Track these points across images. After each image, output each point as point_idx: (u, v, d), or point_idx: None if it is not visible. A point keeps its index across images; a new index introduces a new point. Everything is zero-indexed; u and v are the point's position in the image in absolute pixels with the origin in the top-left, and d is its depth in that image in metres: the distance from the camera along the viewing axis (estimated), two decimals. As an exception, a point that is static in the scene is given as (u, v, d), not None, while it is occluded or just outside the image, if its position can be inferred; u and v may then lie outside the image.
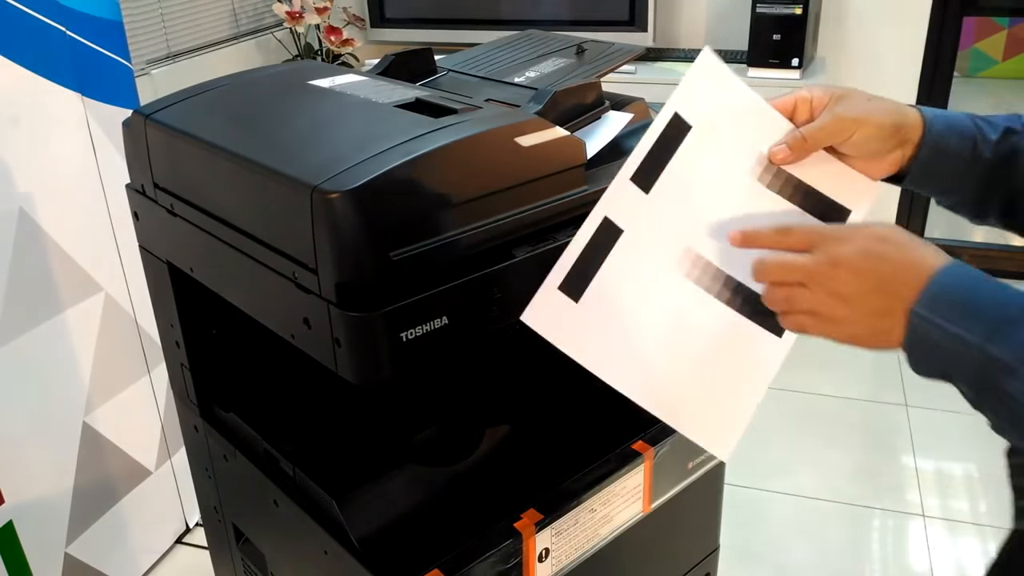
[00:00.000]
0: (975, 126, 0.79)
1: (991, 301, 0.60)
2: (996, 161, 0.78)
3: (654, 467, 1.04)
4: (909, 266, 0.63)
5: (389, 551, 0.88)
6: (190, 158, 0.92)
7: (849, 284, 0.64)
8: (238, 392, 1.11)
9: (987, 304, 0.60)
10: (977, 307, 0.60)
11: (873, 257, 0.63)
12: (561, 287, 0.71)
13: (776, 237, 0.68)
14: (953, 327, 0.60)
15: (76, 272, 1.61)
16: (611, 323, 0.73)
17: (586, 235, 0.72)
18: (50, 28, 1.51)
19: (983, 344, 0.58)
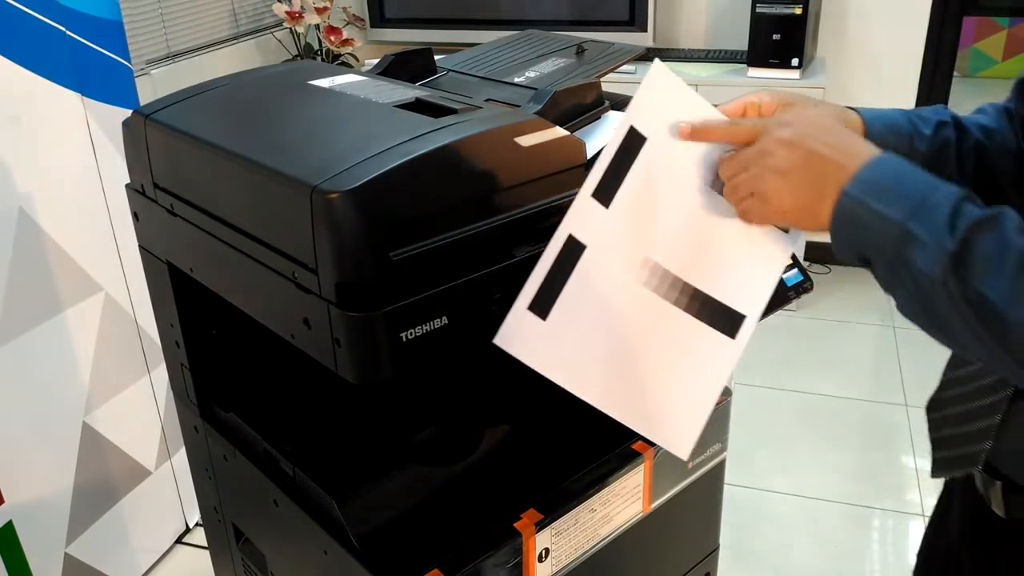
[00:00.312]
0: (910, 123, 0.83)
1: (919, 185, 0.64)
2: (930, 154, 0.82)
3: (654, 467, 1.04)
4: (844, 150, 0.67)
5: (389, 551, 0.88)
6: (190, 158, 0.92)
7: (784, 159, 0.69)
8: (238, 392, 1.11)
9: (915, 188, 0.64)
10: (905, 190, 0.64)
11: (810, 137, 0.68)
12: (530, 307, 0.73)
13: (725, 130, 0.74)
14: (880, 206, 0.64)
15: (76, 272, 1.61)
16: (576, 337, 0.74)
17: (552, 254, 0.73)
18: (50, 28, 1.51)
19: (905, 221, 0.62)
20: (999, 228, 0.60)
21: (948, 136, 0.83)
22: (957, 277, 0.60)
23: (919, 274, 0.62)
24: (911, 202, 0.63)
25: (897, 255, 0.63)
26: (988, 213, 0.61)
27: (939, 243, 0.61)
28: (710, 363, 0.76)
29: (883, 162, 0.66)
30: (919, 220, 0.62)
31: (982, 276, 0.59)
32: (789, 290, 1.02)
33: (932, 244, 0.61)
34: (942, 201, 0.62)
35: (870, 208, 0.64)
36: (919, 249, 0.62)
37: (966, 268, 0.60)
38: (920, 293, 0.63)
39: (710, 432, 1.12)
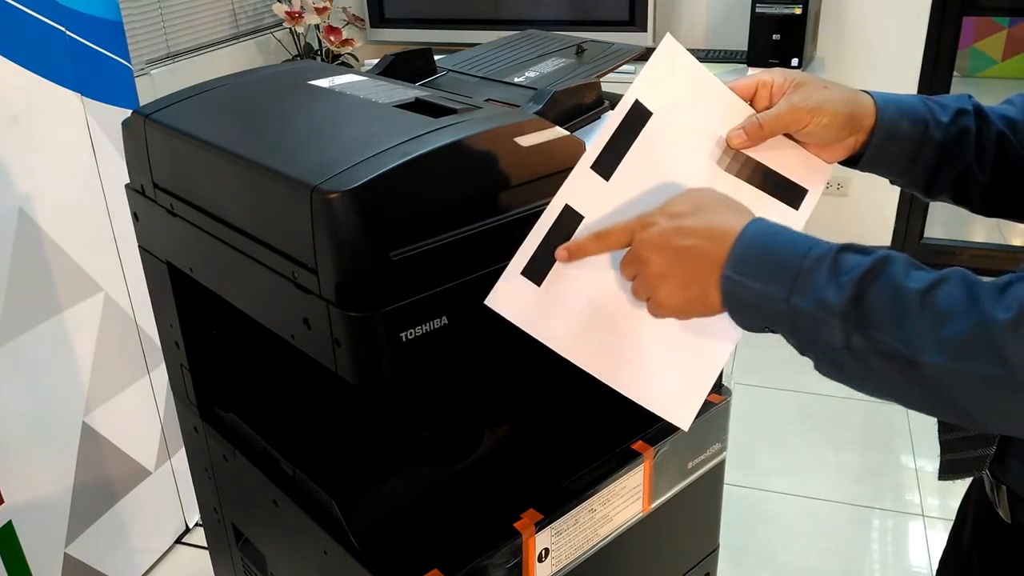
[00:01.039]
0: (927, 109, 0.81)
1: (789, 253, 0.62)
2: (947, 142, 0.80)
3: (654, 467, 1.04)
4: (708, 233, 0.66)
5: (389, 551, 0.88)
6: (190, 158, 0.92)
7: (656, 264, 0.68)
8: (238, 392, 1.11)
9: (786, 256, 0.62)
10: (777, 261, 0.63)
11: (671, 233, 0.67)
12: (524, 272, 0.74)
13: (596, 243, 0.72)
14: (758, 284, 0.63)
15: (75, 272, 1.61)
16: (571, 304, 0.75)
17: (547, 222, 0.74)
18: (50, 28, 1.51)
19: (787, 297, 0.61)
20: (885, 273, 0.58)
21: (967, 125, 0.81)
22: (859, 335, 0.58)
23: (821, 343, 0.61)
24: (787, 273, 0.61)
25: (793, 327, 0.62)
26: (870, 260, 0.59)
27: (828, 310, 0.59)
28: (713, 337, 0.76)
29: (751, 235, 0.65)
30: (800, 293, 0.61)
31: (883, 328, 0.57)
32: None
33: (821, 314, 0.59)
34: (816, 264, 0.61)
35: (751, 289, 0.63)
36: (811, 321, 0.60)
37: (864, 325, 0.58)
38: (829, 359, 0.62)
39: (710, 432, 1.12)
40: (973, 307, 0.55)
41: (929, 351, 0.56)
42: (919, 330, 0.56)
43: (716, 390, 1.14)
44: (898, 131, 0.80)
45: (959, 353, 0.55)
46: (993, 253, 3.14)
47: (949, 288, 0.57)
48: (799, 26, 2.64)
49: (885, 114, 0.79)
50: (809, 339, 0.62)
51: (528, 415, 1.09)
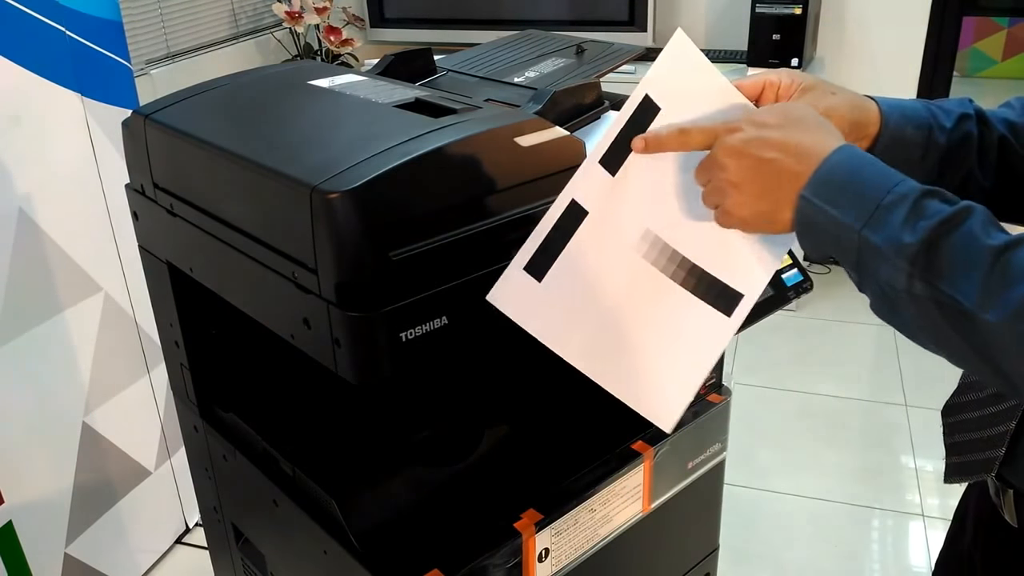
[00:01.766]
0: (930, 114, 0.82)
1: (874, 185, 0.61)
2: (950, 147, 0.81)
3: (654, 467, 1.04)
4: (793, 149, 0.64)
5: (389, 551, 0.88)
6: (190, 158, 0.92)
7: (734, 171, 0.66)
8: (238, 392, 1.11)
9: (869, 188, 0.61)
10: (859, 192, 0.61)
11: (758, 143, 0.65)
12: (526, 267, 0.73)
13: (676, 138, 0.71)
14: (835, 211, 0.61)
15: (75, 272, 1.61)
16: (570, 301, 0.75)
17: (553, 217, 0.73)
18: (50, 28, 1.51)
19: (861, 228, 0.60)
20: (964, 225, 0.57)
21: (970, 130, 0.81)
22: (923, 282, 0.58)
23: (882, 281, 0.60)
24: (866, 205, 0.60)
25: (859, 260, 0.61)
26: (952, 210, 0.58)
27: (898, 249, 0.58)
28: (703, 339, 0.75)
29: (838, 160, 0.63)
30: (875, 226, 0.60)
31: (950, 279, 0.57)
32: (789, 290, 1.02)
33: (890, 251, 0.59)
34: (899, 201, 0.60)
35: (826, 213, 0.62)
36: (878, 257, 0.60)
37: (931, 272, 0.57)
38: (887, 298, 0.61)
39: (710, 432, 1.12)
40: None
41: (990, 308, 0.55)
42: (985, 286, 0.55)
43: (716, 390, 1.14)
44: (903, 137, 0.80)
45: (1020, 315, 0.54)
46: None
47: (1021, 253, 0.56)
48: (799, 26, 2.64)
49: (890, 121, 0.79)
50: (871, 275, 0.61)
51: (528, 415, 1.09)
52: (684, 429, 1.07)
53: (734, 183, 0.67)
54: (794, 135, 0.66)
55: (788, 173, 0.64)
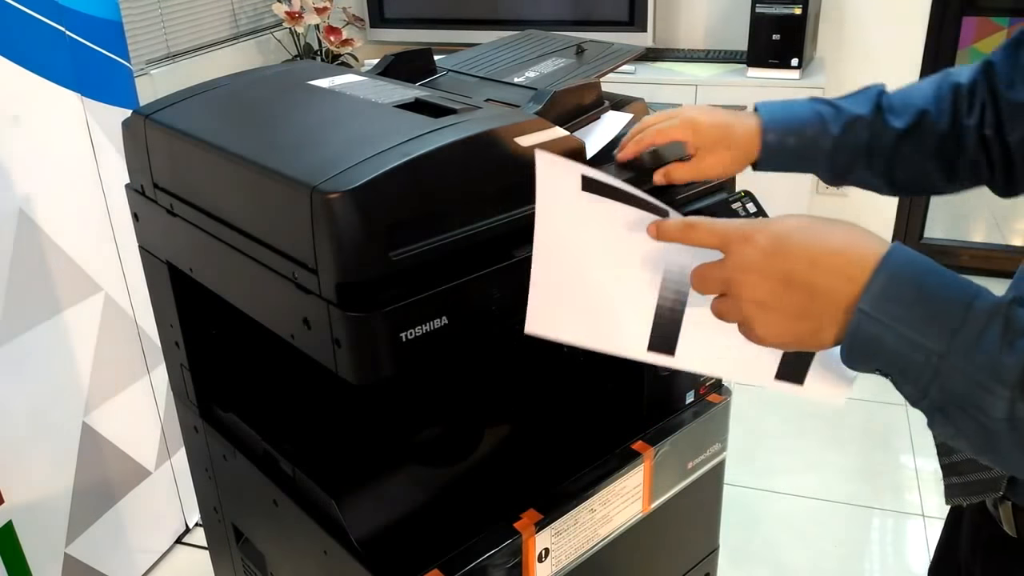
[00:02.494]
0: (818, 118, 0.92)
1: (948, 299, 0.52)
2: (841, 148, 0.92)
3: (654, 467, 1.04)
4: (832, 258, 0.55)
5: (389, 551, 0.88)
6: (190, 158, 0.92)
7: (760, 288, 0.57)
8: (238, 392, 1.11)
9: (945, 303, 0.53)
10: (933, 307, 0.53)
11: (779, 255, 0.57)
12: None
13: (682, 231, 0.62)
14: (908, 329, 0.53)
15: (76, 272, 1.61)
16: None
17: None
18: (50, 28, 1.51)
19: (946, 353, 0.52)
20: None
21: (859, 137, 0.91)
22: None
23: (972, 409, 0.52)
24: (948, 324, 0.52)
25: (941, 391, 0.53)
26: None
27: (996, 375, 0.50)
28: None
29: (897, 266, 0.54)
30: (962, 351, 0.51)
31: None
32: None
33: (984, 378, 0.50)
34: (987, 320, 0.51)
35: (895, 332, 0.53)
36: (967, 385, 0.51)
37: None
38: (973, 427, 0.53)
39: (710, 432, 1.12)
40: None
41: None
42: None
43: (716, 390, 1.14)
44: (784, 146, 0.92)
45: None
46: (993, 254, 3.14)
47: None
48: (799, 26, 2.64)
49: (767, 139, 0.92)
50: (955, 403, 0.52)
51: (528, 415, 1.09)
52: (684, 429, 1.07)
53: (759, 302, 0.58)
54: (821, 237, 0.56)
55: (833, 288, 0.55)
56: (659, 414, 1.07)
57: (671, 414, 1.08)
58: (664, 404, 1.08)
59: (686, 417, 1.09)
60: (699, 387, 1.11)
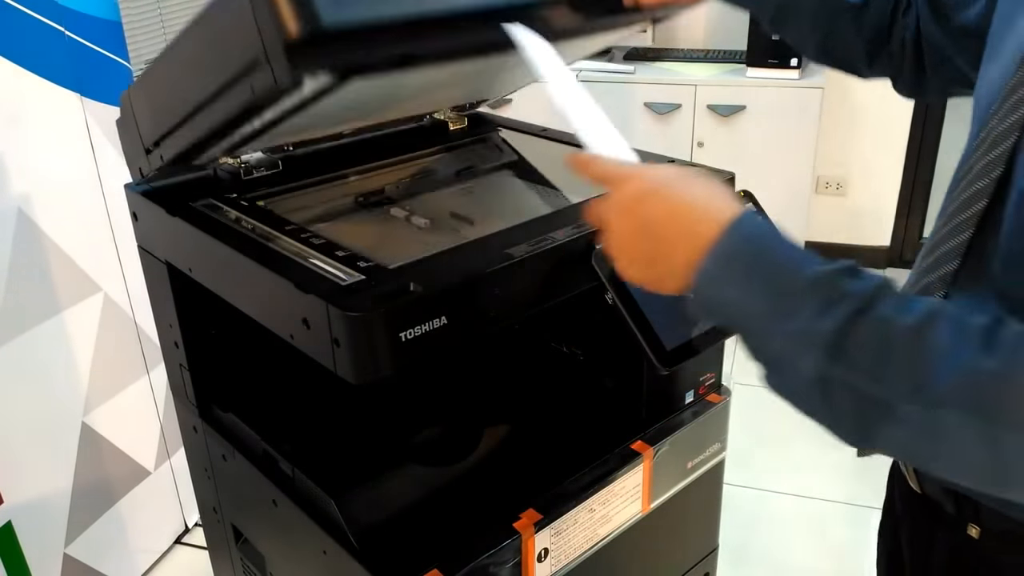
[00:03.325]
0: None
1: (782, 267, 0.56)
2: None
3: (653, 467, 1.04)
4: (687, 214, 0.60)
5: (388, 551, 0.88)
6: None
7: (622, 230, 0.63)
8: (237, 392, 1.11)
9: (778, 271, 0.56)
10: (766, 273, 0.57)
11: (644, 202, 0.62)
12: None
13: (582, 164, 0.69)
14: (738, 291, 0.57)
15: (75, 272, 1.61)
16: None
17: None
18: (49, 28, 1.51)
19: (768, 315, 0.56)
20: (878, 309, 0.53)
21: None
22: (834, 366, 0.53)
23: (788, 367, 0.56)
24: (776, 287, 0.56)
25: (760, 346, 0.58)
26: (864, 294, 0.54)
27: (809, 339, 0.54)
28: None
29: (744, 233, 0.58)
30: (784, 315, 0.55)
31: (863, 366, 0.53)
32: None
33: (800, 341, 0.54)
34: (809, 289, 0.55)
35: (727, 292, 0.58)
36: (786, 346, 0.56)
37: (844, 360, 0.53)
38: (794, 386, 0.57)
39: (710, 432, 1.12)
40: (960, 354, 0.51)
41: (908, 397, 0.52)
42: (901, 375, 0.52)
43: (716, 390, 1.14)
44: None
45: (938, 402, 0.51)
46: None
47: (939, 331, 0.51)
48: (799, 26, 2.64)
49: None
50: (775, 360, 0.57)
51: (528, 415, 1.09)
52: (684, 429, 1.07)
53: (621, 243, 0.64)
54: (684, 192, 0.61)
55: (683, 240, 0.59)
56: (658, 414, 1.07)
57: (670, 414, 1.08)
58: (663, 404, 1.08)
59: (685, 417, 1.08)
60: (699, 387, 1.11)
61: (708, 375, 1.12)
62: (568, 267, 0.88)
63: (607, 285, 0.80)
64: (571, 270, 0.88)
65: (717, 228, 0.58)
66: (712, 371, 1.12)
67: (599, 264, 0.80)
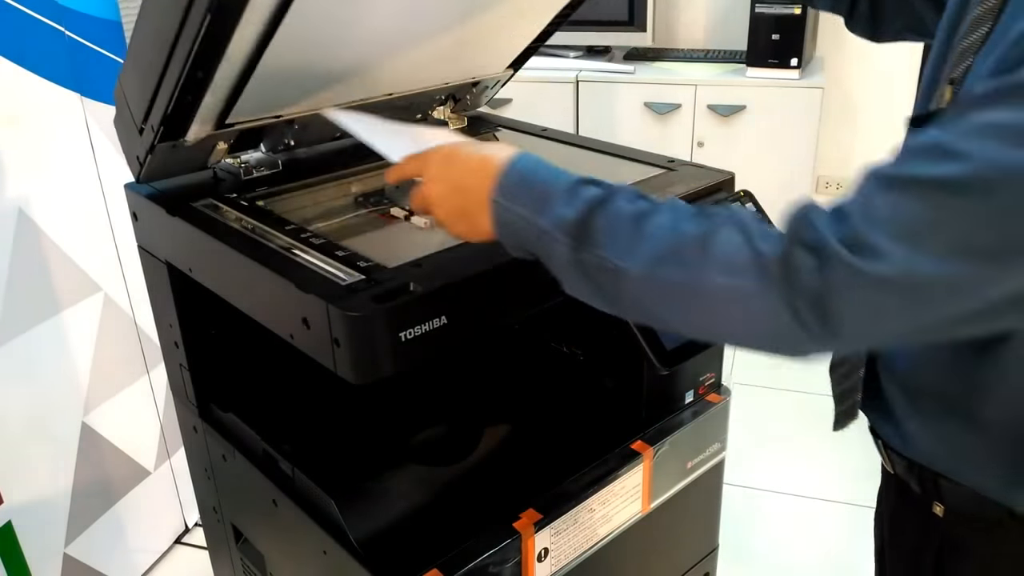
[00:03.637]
0: None
1: (543, 182, 0.70)
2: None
3: (653, 467, 1.04)
4: (478, 166, 0.74)
5: (388, 551, 0.88)
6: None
7: (436, 194, 0.77)
8: (237, 392, 1.11)
9: (540, 185, 0.70)
10: (531, 187, 0.70)
11: (447, 166, 0.76)
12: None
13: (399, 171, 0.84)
14: (516, 206, 0.70)
15: (75, 272, 1.61)
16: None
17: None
18: (50, 28, 1.51)
19: (535, 217, 0.69)
20: (612, 199, 0.66)
21: None
22: (583, 251, 0.66)
23: (556, 257, 0.68)
24: (537, 199, 0.69)
25: (540, 248, 0.70)
26: (602, 192, 0.67)
27: (561, 227, 0.67)
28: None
29: (517, 163, 0.72)
30: (543, 213, 0.68)
31: (601, 243, 0.65)
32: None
33: (555, 231, 0.67)
34: (560, 192, 0.68)
35: (510, 210, 0.70)
36: (547, 238, 0.68)
37: (588, 242, 0.66)
38: (564, 273, 0.69)
39: (709, 432, 1.12)
40: (674, 228, 0.63)
41: (634, 262, 0.64)
42: (629, 245, 0.64)
43: (716, 390, 1.14)
44: None
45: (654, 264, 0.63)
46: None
47: (661, 214, 0.65)
48: (798, 26, 2.64)
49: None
50: (547, 254, 0.69)
51: (528, 415, 1.09)
52: (684, 429, 1.07)
53: (437, 206, 0.77)
54: (472, 154, 0.75)
55: (476, 185, 0.73)
56: (658, 414, 1.07)
57: (670, 414, 1.08)
58: (663, 404, 1.08)
59: (685, 417, 1.09)
60: (699, 387, 1.11)
61: (708, 375, 1.12)
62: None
63: None
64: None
65: (499, 169, 0.72)
66: (712, 371, 1.12)
67: None
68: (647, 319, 0.69)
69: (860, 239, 0.55)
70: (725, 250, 0.60)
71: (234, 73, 0.89)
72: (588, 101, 2.88)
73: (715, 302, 0.61)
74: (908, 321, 0.57)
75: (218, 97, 0.92)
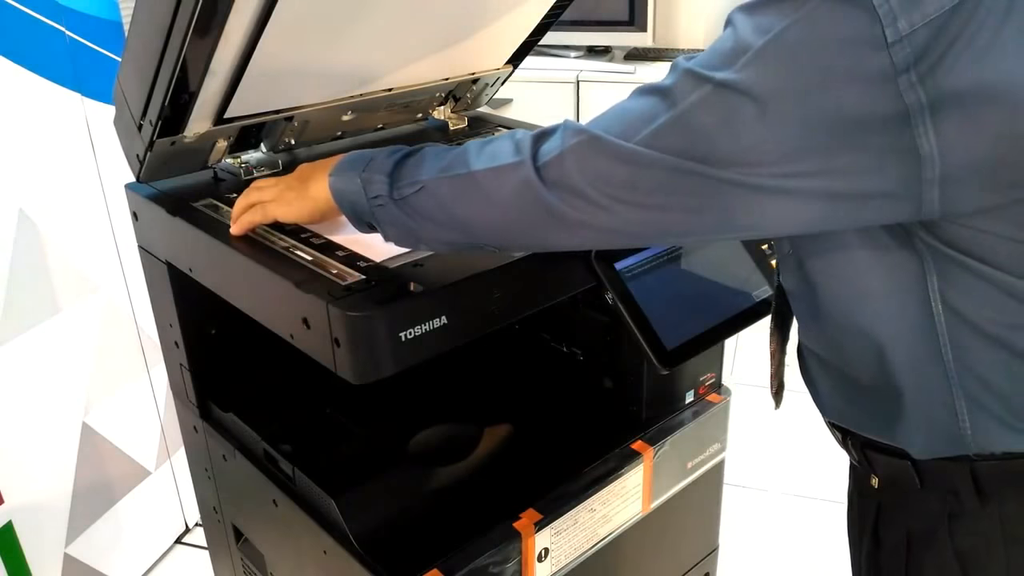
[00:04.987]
0: None
1: (368, 154, 0.82)
2: None
3: (653, 467, 1.04)
4: (311, 168, 0.89)
5: (388, 551, 0.88)
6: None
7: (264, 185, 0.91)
8: (237, 392, 1.11)
9: (365, 155, 0.82)
10: (359, 159, 0.82)
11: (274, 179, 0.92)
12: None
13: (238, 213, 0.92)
14: (348, 173, 0.82)
15: (75, 272, 1.61)
16: None
17: None
18: (50, 28, 1.51)
19: (360, 172, 0.80)
20: (422, 149, 0.80)
21: None
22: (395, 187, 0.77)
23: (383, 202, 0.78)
24: (362, 163, 0.81)
25: (367, 197, 0.79)
26: (418, 147, 0.80)
27: (379, 171, 0.79)
28: None
29: (350, 158, 0.84)
30: (369, 169, 0.80)
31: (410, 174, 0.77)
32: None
33: (375, 176, 0.79)
34: (380, 155, 0.80)
35: (342, 179, 0.82)
36: (369, 184, 0.79)
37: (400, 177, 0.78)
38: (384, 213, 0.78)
39: (710, 432, 1.12)
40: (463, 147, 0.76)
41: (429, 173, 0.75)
42: (429, 166, 0.76)
43: (716, 390, 1.14)
44: None
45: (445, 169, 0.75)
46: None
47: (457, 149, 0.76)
48: (799, 26, 2.64)
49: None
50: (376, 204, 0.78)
51: (528, 415, 1.09)
52: (684, 429, 1.07)
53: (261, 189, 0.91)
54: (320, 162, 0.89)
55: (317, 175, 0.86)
56: (658, 414, 1.07)
57: (671, 414, 1.08)
58: (663, 404, 1.08)
59: (686, 417, 1.09)
60: (699, 387, 1.11)
61: (708, 375, 1.12)
62: (568, 267, 0.88)
63: (607, 285, 0.83)
64: (571, 270, 0.88)
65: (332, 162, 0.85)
66: (712, 371, 1.12)
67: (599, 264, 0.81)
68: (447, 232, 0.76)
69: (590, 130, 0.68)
70: (495, 146, 0.73)
71: (231, 59, 0.89)
72: (589, 101, 2.88)
73: (487, 186, 0.72)
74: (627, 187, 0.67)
75: (216, 88, 0.92)
